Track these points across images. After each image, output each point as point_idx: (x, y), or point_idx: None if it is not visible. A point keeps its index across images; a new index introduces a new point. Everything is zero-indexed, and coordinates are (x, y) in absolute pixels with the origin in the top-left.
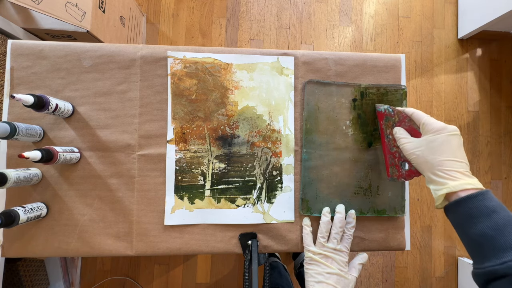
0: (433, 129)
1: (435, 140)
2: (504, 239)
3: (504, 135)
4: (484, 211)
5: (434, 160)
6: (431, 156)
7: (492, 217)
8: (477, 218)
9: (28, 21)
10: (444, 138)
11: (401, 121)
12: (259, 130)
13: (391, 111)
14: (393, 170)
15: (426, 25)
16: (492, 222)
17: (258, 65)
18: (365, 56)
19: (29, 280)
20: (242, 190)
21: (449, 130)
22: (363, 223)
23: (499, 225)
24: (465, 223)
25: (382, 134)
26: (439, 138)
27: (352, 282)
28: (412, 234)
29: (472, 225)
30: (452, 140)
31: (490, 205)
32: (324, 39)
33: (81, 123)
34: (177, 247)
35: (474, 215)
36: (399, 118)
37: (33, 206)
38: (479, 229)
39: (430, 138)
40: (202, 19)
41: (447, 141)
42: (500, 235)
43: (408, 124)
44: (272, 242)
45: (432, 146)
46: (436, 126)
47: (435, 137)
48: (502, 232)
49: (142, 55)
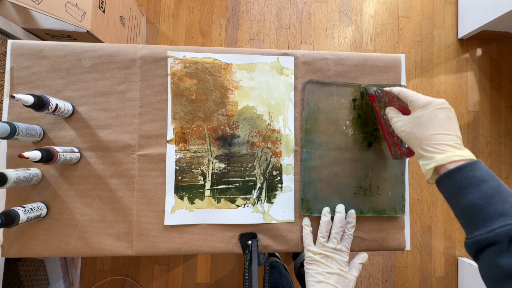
0: (420, 105)
1: (422, 115)
2: (493, 207)
3: (504, 135)
4: (473, 181)
5: (422, 135)
6: (419, 132)
7: (481, 187)
8: (466, 189)
9: (28, 21)
10: (431, 112)
11: (391, 101)
12: (259, 130)
13: (380, 93)
14: (395, 149)
15: (426, 25)
16: (482, 191)
17: (258, 65)
18: (365, 56)
19: (29, 280)
20: (242, 190)
21: (436, 103)
22: (363, 223)
23: (488, 194)
24: (455, 195)
25: (377, 115)
26: (426, 113)
27: (352, 282)
28: (412, 234)
29: (462, 196)
30: (439, 113)
31: (478, 175)
32: (324, 39)
33: (81, 123)
34: (177, 247)
35: (463, 186)
36: (389, 98)
37: (33, 206)
38: (469, 200)
39: (418, 113)
40: (202, 19)
41: (434, 114)
42: (489, 204)
43: (397, 103)
44: (272, 242)
45: (420, 121)
46: (423, 101)
47: (422, 112)
48: (491, 200)
49: (142, 55)
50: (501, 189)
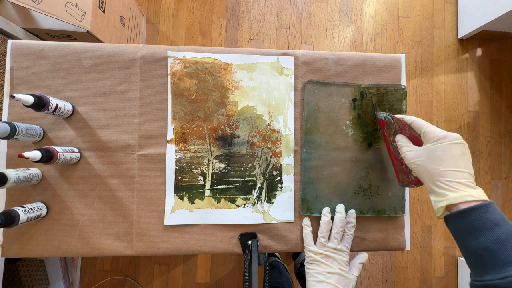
0: (434, 138)
1: (436, 150)
2: (506, 253)
3: (504, 135)
4: (487, 224)
5: (435, 171)
6: (431, 166)
7: (494, 231)
8: (479, 231)
9: (28, 21)
10: (444, 147)
11: (401, 129)
12: (259, 130)
13: (390, 119)
14: (403, 176)
15: (426, 25)
16: (495, 235)
17: (258, 65)
18: (365, 56)
19: (29, 280)
20: (242, 190)
21: (451, 138)
22: (363, 223)
23: (502, 239)
24: (466, 235)
25: (386, 141)
26: (440, 148)
27: (353, 282)
28: (412, 234)
29: (474, 238)
30: (453, 149)
31: (492, 218)
32: (324, 39)
33: (81, 123)
34: (177, 247)
35: (476, 228)
36: (399, 126)
37: (33, 206)
38: (481, 242)
39: (431, 147)
40: (202, 19)
41: (448, 150)
42: (502, 249)
43: (409, 131)
44: (272, 242)
45: (433, 155)
46: (437, 134)
47: (436, 146)
48: (505, 246)
49: (142, 55)
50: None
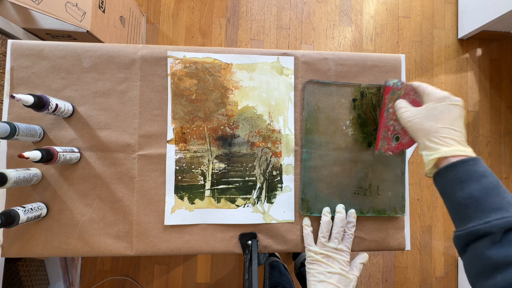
0: (436, 98)
1: (436, 108)
2: (490, 200)
3: (504, 135)
4: (474, 175)
5: (431, 127)
6: (428, 123)
7: (481, 181)
8: (466, 182)
9: (28, 21)
10: (445, 106)
11: (406, 94)
12: (259, 130)
13: (399, 85)
14: (383, 143)
15: (426, 25)
16: (481, 185)
17: (258, 65)
18: (365, 56)
19: (29, 280)
20: (242, 190)
21: (452, 99)
22: (363, 223)
23: (487, 188)
24: (454, 186)
25: (383, 108)
26: (440, 106)
27: (353, 281)
28: (412, 234)
29: (461, 188)
30: (452, 109)
31: (479, 170)
32: (324, 39)
33: (81, 123)
34: (177, 247)
35: (463, 179)
36: (405, 91)
37: (33, 206)
38: (467, 192)
39: (431, 106)
40: (202, 19)
41: (448, 109)
42: (486, 197)
43: (412, 97)
44: (272, 242)
45: (432, 113)
46: (439, 95)
47: (436, 105)
48: (489, 194)
49: (142, 55)
50: (499, 186)
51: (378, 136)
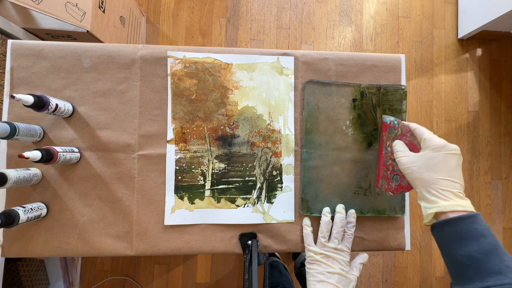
0: (433, 146)
1: (434, 158)
2: (490, 264)
3: (504, 135)
4: (473, 234)
5: (429, 178)
6: (426, 173)
7: (480, 241)
8: (465, 240)
9: (28, 21)
10: (442, 156)
11: (403, 135)
12: (259, 130)
13: (395, 124)
14: (383, 182)
15: (426, 25)
16: (480, 245)
17: (258, 65)
18: (365, 56)
19: (29, 280)
20: (242, 190)
21: (450, 148)
22: (363, 223)
23: (487, 249)
24: (453, 243)
25: (381, 145)
26: (438, 156)
27: (353, 281)
28: (412, 234)
29: (460, 246)
30: (450, 159)
31: (479, 229)
32: (324, 39)
33: (81, 123)
34: (177, 247)
35: (462, 237)
36: (402, 132)
37: (33, 206)
38: (466, 251)
39: (429, 154)
40: (202, 19)
41: (446, 159)
42: (486, 260)
43: (409, 139)
44: (272, 242)
45: (430, 163)
46: (437, 143)
47: (434, 154)
48: (489, 256)
49: (142, 55)
50: (498, 247)
51: (378, 173)
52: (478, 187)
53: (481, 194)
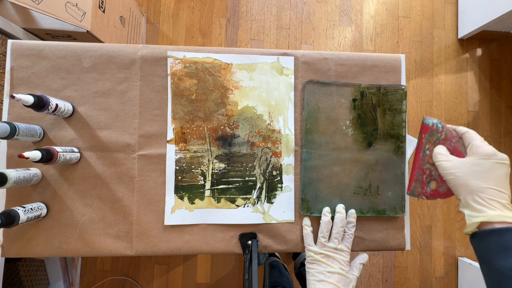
0: (482, 153)
1: (482, 165)
2: None
3: (504, 135)
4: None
5: (476, 185)
6: (473, 181)
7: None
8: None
9: (28, 21)
10: (492, 164)
11: (447, 139)
12: (259, 130)
13: (439, 127)
14: (416, 185)
15: (426, 25)
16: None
17: (258, 65)
18: (365, 56)
19: (29, 280)
20: (242, 190)
21: (499, 158)
22: (363, 223)
23: None
24: (496, 253)
25: (418, 147)
26: (487, 164)
27: (353, 281)
28: (412, 234)
29: (504, 257)
30: (499, 168)
31: None
32: (324, 39)
33: (81, 123)
34: (177, 247)
35: (508, 248)
36: (446, 136)
37: (33, 206)
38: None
39: (477, 161)
40: (202, 19)
41: (494, 168)
42: None
43: (454, 144)
44: (272, 242)
45: (477, 170)
46: (487, 151)
47: (483, 161)
48: None
49: (142, 55)
50: None
51: (412, 176)
52: None
53: None
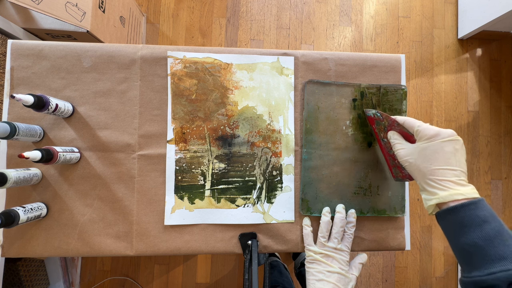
0: (426, 136)
1: (428, 148)
2: (494, 250)
3: (504, 135)
4: (476, 221)
5: (426, 169)
6: (423, 165)
7: (483, 227)
8: (468, 227)
9: (28, 21)
10: (436, 145)
11: (391, 125)
12: (259, 130)
13: (379, 115)
14: (396, 171)
15: (426, 25)
16: (483, 232)
17: (258, 65)
18: (365, 56)
19: (29, 280)
20: (242, 190)
21: (443, 136)
22: (363, 223)
23: (490, 235)
24: (456, 231)
25: (377, 137)
26: (432, 146)
27: (352, 281)
28: (412, 234)
29: (463, 234)
30: (445, 146)
31: (481, 215)
32: (324, 39)
33: (81, 123)
34: (177, 247)
35: (465, 224)
36: (388, 122)
37: (33, 206)
38: (470, 239)
39: (423, 145)
40: (202, 19)
41: (440, 148)
42: (490, 246)
43: (398, 128)
44: (272, 242)
45: (424, 153)
46: (429, 132)
47: (428, 144)
48: (493, 242)
49: (142, 55)
50: (502, 231)
51: (388, 164)
52: (478, 187)
53: (481, 194)
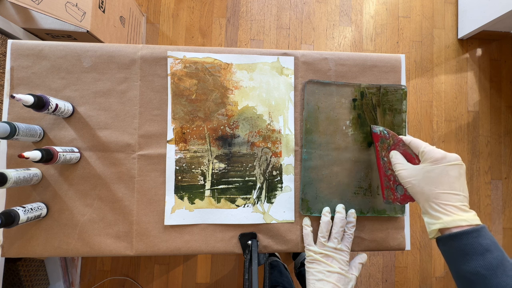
0: (432, 158)
1: (433, 171)
2: (496, 280)
3: (504, 135)
4: (478, 249)
5: (430, 192)
6: (427, 187)
7: (485, 256)
8: (470, 255)
9: (28, 21)
10: (442, 168)
11: (395, 144)
12: (259, 130)
13: (386, 134)
14: (388, 193)
15: (426, 25)
16: (486, 261)
17: (258, 65)
18: (365, 56)
19: (29, 280)
20: (242, 190)
21: (449, 159)
22: (363, 223)
23: (492, 265)
24: (458, 258)
25: (377, 156)
26: (437, 169)
27: (352, 281)
28: (412, 234)
29: (465, 262)
30: (450, 170)
31: (484, 243)
32: (324, 39)
33: (81, 123)
34: (177, 247)
35: (467, 252)
36: (394, 142)
37: (33, 206)
38: (472, 267)
39: (428, 167)
40: (202, 19)
41: (445, 172)
42: (493, 276)
43: (402, 148)
44: (272, 242)
45: (429, 176)
46: (436, 155)
47: (433, 167)
48: (495, 272)
49: (142, 55)
50: (504, 261)
51: (381, 184)
52: (478, 187)
53: (481, 194)
